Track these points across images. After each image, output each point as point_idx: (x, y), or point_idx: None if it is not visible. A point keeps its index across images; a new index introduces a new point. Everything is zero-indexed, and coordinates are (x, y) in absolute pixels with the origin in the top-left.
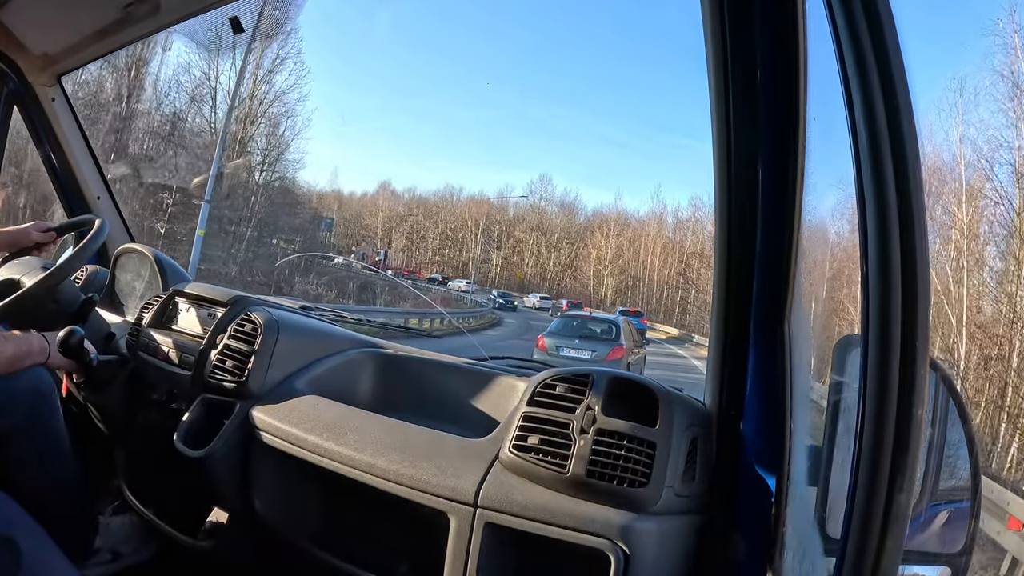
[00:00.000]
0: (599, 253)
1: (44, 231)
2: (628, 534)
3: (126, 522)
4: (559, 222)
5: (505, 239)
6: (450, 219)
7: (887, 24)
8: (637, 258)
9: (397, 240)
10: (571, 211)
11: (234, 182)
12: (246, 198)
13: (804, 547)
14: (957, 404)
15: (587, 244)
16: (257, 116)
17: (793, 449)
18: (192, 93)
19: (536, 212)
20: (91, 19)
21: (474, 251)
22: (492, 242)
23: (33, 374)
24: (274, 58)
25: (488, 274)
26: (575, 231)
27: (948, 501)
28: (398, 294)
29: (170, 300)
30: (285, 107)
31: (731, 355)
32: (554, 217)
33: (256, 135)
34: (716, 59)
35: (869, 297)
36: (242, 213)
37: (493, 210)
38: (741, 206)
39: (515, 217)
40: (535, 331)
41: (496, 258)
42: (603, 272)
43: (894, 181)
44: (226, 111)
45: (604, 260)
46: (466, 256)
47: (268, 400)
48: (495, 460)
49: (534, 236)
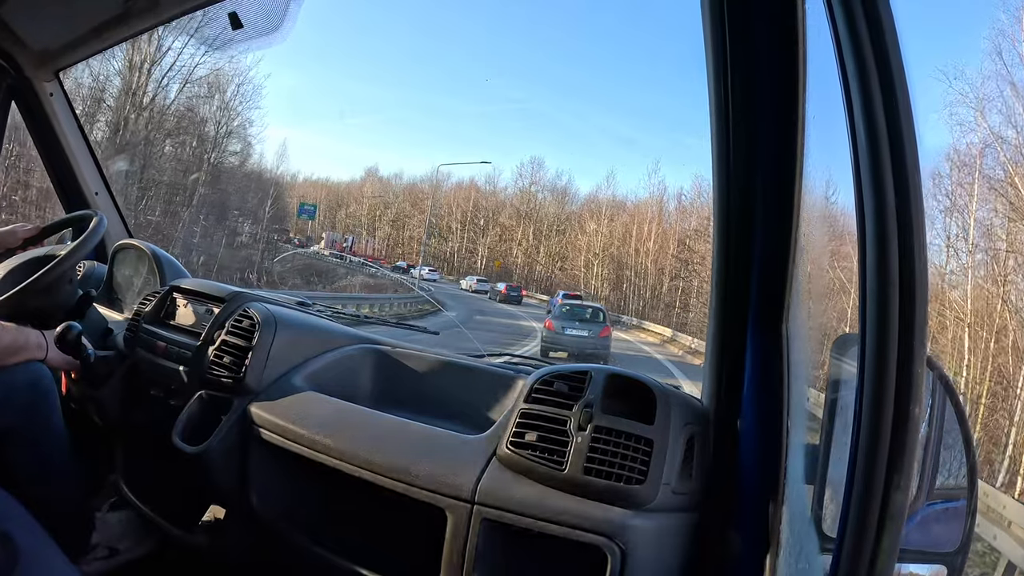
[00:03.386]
0: (589, 240)
1: (36, 228)
2: (625, 531)
3: (123, 518)
4: (551, 209)
5: (491, 226)
6: (434, 206)
7: (887, 23)
8: (631, 244)
9: (381, 228)
10: (563, 196)
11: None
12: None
13: (800, 545)
14: (954, 403)
15: (578, 232)
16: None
17: (790, 447)
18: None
19: (526, 198)
20: (90, 14)
21: (459, 240)
22: (478, 230)
23: (32, 371)
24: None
25: (474, 264)
26: (565, 217)
27: (944, 500)
28: (352, 280)
29: (168, 296)
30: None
31: (729, 353)
32: (546, 204)
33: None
34: (716, 58)
35: (867, 296)
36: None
37: (480, 196)
38: (740, 205)
39: (502, 202)
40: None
41: (482, 248)
42: (594, 262)
43: (893, 181)
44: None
45: (595, 248)
46: (452, 245)
47: (266, 396)
48: (492, 456)
49: (522, 224)
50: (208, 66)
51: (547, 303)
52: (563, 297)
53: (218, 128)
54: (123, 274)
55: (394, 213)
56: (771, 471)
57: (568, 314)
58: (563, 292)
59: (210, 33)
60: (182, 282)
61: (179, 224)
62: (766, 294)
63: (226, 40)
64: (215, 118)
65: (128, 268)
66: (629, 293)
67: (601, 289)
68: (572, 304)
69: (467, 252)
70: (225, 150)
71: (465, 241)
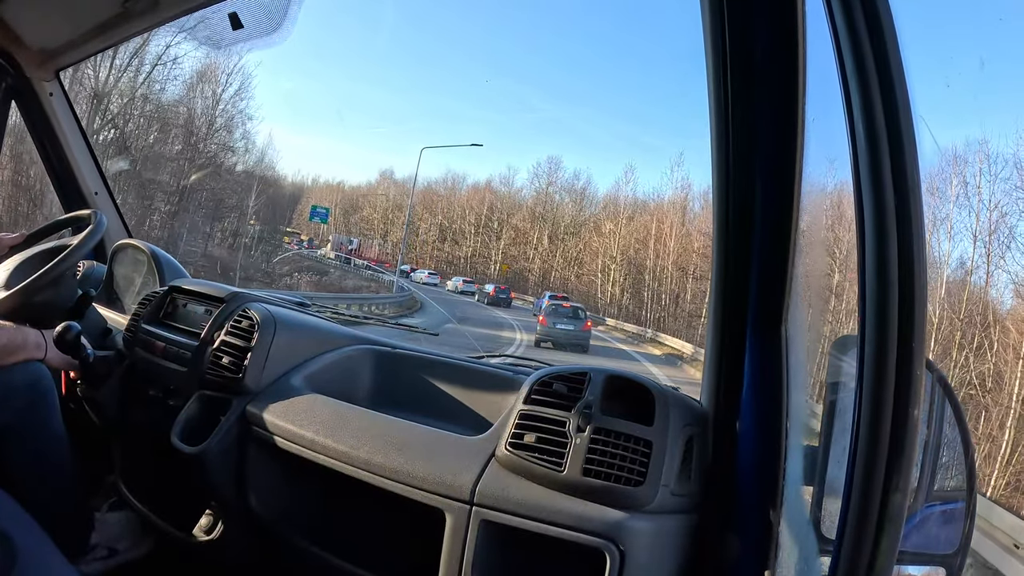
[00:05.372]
0: (606, 243)
1: (22, 236)
2: (624, 533)
3: (122, 518)
4: (568, 210)
5: (505, 229)
6: (447, 209)
7: (887, 25)
8: (650, 245)
9: (394, 232)
10: (580, 198)
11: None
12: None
13: (799, 547)
14: (953, 405)
15: (593, 233)
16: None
17: (789, 449)
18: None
19: (542, 199)
20: (90, 14)
21: (472, 244)
22: (492, 234)
23: (32, 370)
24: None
25: (487, 271)
26: (582, 221)
27: (943, 501)
28: (353, 281)
29: (167, 296)
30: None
31: (728, 355)
32: (564, 205)
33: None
34: (715, 60)
35: (866, 297)
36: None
37: (496, 198)
38: (739, 206)
39: (517, 204)
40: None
41: (495, 253)
42: (610, 266)
43: (892, 182)
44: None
45: (612, 251)
46: (466, 250)
47: (265, 396)
48: (491, 458)
49: (537, 227)
50: (197, 59)
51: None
52: (549, 298)
53: (211, 122)
54: (122, 274)
55: (407, 216)
56: (770, 473)
57: (556, 312)
58: (549, 294)
59: (210, 33)
60: (181, 282)
61: (156, 220)
62: (765, 296)
63: (226, 40)
64: (208, 112)
65: (127, 268)
66: (648, 300)
67: (618, 297)
68: (558, 304)
69: (480, 257)
70: (210, 146)
71: (479, 245)
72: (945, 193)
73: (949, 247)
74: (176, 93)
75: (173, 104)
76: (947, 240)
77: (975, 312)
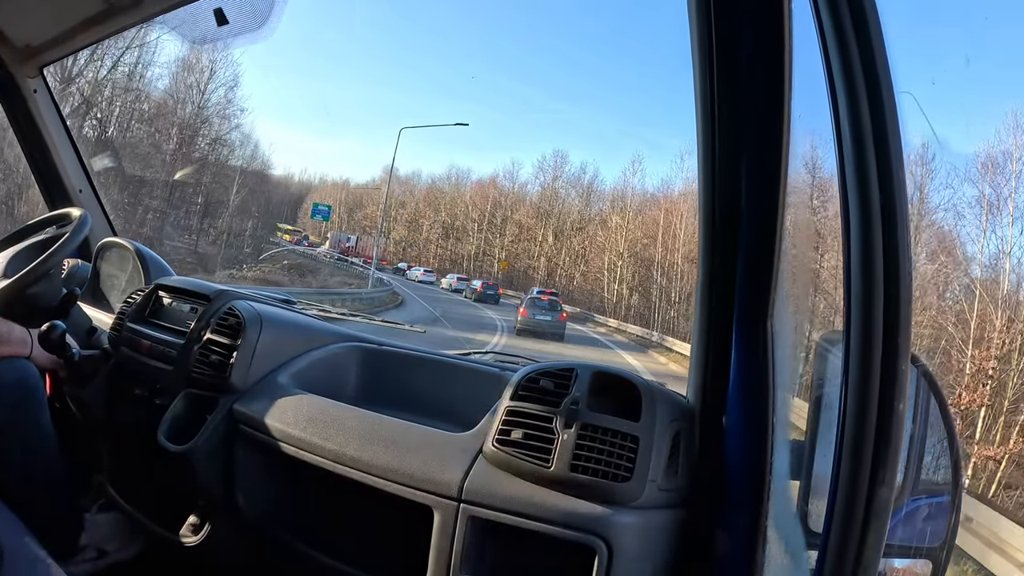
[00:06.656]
0: (612, 238)
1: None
2: (611, 528)
3: (112, 519)
4: (575, 205)
5: (509, 225)
6: (450, 206)
7: (873, 24)
8: (659, 239)
9: (396, 230)
10: (587, 193)
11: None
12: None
13: (786, 541)
14: (938, 399)
15: (598, 228)
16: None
17: (775, 443)
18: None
19: (548, 195)
20: (74, 10)
21: (475, 242)
22: (496, 231)
23: (18, 368)
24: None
25: (491, 269)
26: (589, 217)
27: (929, 495)
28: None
29: (152, 294)
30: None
31: (714, 351)
32: (570, 200)
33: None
34: (702, 57)
35: (852, 293)
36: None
37: (500, 195)
38: (725, 203)
39: (520, 199)
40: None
41: (498, 250)
42: (617, 263)
43: (877, 179)
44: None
45: (618, 247)
46: (468, 248)
47: (251, 394)
48: (479, 454)
49: (543, 224)
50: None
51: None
52: (537, 293)
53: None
54: (107, 272)
55: (411, 212)
56: (757, 467)
57: (535, 304)
58: (537, 289)
59: (195, 28)
60: (167, 280)
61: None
62: (751, 292)
63: (211, 36)
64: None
65: (112, 266)
66: (657, 299)
67: (626, 296)
68: (536, 298)
69: (485, 255)
70: (197, 141)
71: (482, 243)
72: (1006, 169)
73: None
74: (163, 85)
75: (160, 96)
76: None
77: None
